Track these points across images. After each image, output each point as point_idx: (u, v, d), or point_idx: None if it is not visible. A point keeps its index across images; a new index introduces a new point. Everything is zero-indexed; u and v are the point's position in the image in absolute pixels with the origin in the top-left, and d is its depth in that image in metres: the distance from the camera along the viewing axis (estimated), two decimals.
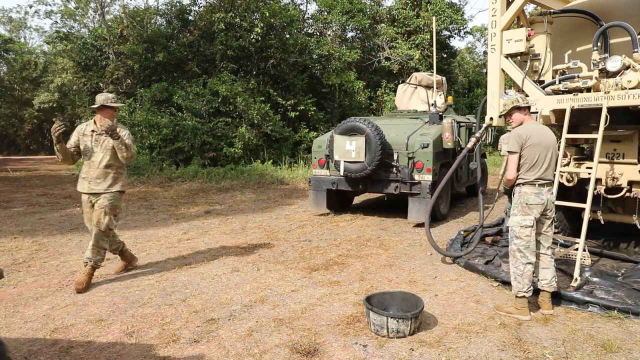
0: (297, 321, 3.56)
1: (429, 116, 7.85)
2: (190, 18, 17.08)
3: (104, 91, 17.63)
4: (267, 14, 15.23)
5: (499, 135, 8.81)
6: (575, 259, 4.25)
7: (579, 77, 4.62)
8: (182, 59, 16.09)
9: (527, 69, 5.06)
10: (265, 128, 14.77)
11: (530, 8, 7.75)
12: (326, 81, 16.80)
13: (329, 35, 18.80)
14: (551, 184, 3.71)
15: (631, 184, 4.77)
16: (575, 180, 4.91)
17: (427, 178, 6.78)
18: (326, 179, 7.58)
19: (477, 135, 5.34)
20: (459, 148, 7.55)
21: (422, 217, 6.75)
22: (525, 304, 3.63)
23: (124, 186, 4.43)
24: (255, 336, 3.30)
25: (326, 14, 18.95)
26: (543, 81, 5.12)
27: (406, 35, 19.06)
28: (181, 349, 3.10)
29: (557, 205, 4.28)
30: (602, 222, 5.17)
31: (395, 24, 19.43)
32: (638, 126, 4.81)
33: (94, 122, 4.34)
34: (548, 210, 3.68)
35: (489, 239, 5.76)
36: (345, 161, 6.95)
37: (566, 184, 4.91)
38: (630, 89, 4.18)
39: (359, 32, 19.41)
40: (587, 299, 3.79)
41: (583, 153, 5.41)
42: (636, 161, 4.77)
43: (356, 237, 6.30)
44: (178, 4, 17.29)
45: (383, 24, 19.29)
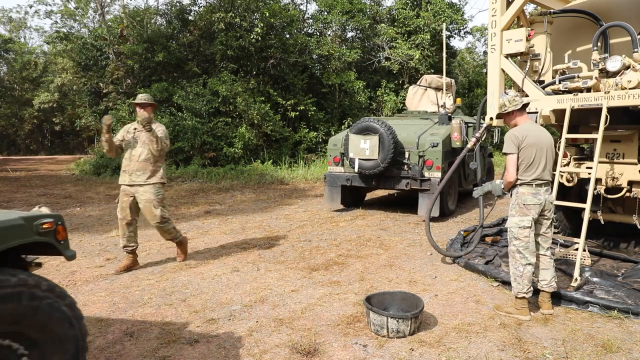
0: (297, 321, 3.56)
1: (438, 117, 8.19)
2: (190, 18, 17.08)
3: (103, 91, 17.68)
4: (267, 14, 15.23)
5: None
6: (575, 259, 4.25)
7: (579, 77, 4.62)
8: (182, 59, 16.09)
9: (527, 69, 5.06)
10: (265, 128, 14.78)
11: (530, 8, 7.77)
12: (326, 81, 16.80)
13: (329, 35, 18.79)
14: (549, 184, 3.70)
15: (631, 184, 4.77)
16: (575, 180, 4.91)
17: (436, 175, 7.14)
18: (341, 175, 7.97)
19: (477, 135, 5.35)
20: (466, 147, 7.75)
21: (433, 211, 6.97)
22: (525, 304, 3.63)
23: (163, 178, 4.79)
24: (255, 336, 3.30)
25: (326, 14, 18.95)
26: (543, 81, 5.12)
27: (406, 35, 19.05)
28: (181, 349, 3.10)
29: (557, 205, 4.28)
30: (602, 222, 5.17)
31: (395, 24, 19.43)
32: (638, 126, 4.81)
33: (137, 122, 4.73)
34: (546, 210, 3.68)
35: (489, 239, 5.76)
36: (359, 159, 7.34)
37: (566, 184, 4.91)
38: (630, 89, 4.18)
39: (359, 32, 19.42)
40: (587, 299, 3.79)
41: (583, 153, 5.41)
42: (636, 161, 4.77)
43: (356, 237, 6.30)
44: (178, 4, 17.30)
45: (383, 24, 19.29)
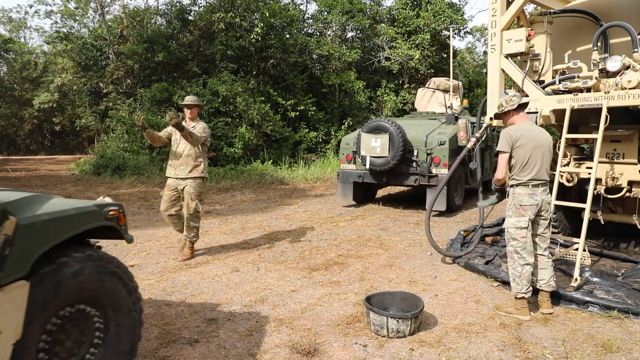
0: (297, 321, 3.56)
1: (445, 117, 8.62)
2: (190, 18, 17.07)
3: (103, 91, 17.68)
4: (267, 14, 15.22)
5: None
6: (575, 259, 4.25)
7: (579, 77, 4.62)
8: (182, 59, 16.09)
9: (527, 69, 5.06)
10: (265, 128, 14.77)
11: (530, 8, 7.79)
12: (326, 81, 16.80)
13: (329, 35, 18.79)
14: (546, 184, 3.69)
15: (631, 184, 4.77)
16: (575, 180, 4.91)
17: (443, 172, 7.54)
18: (353, 172, 8.38)
19: (477, 135, 5.35)
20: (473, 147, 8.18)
21: (438, 206, 7.51)
22: (525, 304, 3.63)
23: (204, 172, 5.07)
24: (255, 336, 3.30)
25: (326, 14, 18.94)
26: (543, 81, 5.12)
27: (406, 35, 19.05)
28: (181, 349, 3.10)
29: (557, 205, 4.28)
30: (602, 222, 5.17)
31: (395, 24, 19.42)
32: (638, 126, 4.81)
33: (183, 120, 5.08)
34: (543, 211, 3.67)
35: (489, 239, 5.76)
36: (371, 156, 7.75)
37: (566, 184, 4.91)
38: (630, 89, 4.18)
39: (359, 32, 19.41)
40: (587, 299, 3.79)
41: (583, 153, 5.41)
42: (636, 161, 4.77)
43: (356, 237, 6.30)
44: (178, 4, 17.29)
45: (383, 24, 19.28)
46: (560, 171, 4.64)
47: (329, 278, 4.58)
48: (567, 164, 4.89)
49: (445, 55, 21.04)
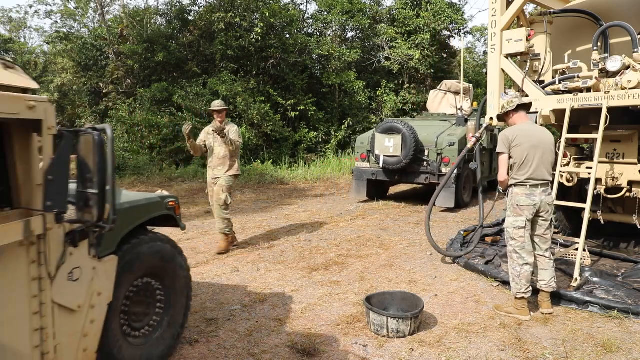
0: (297, 321, 3.56)
1: (456, 119, 8.95)
2: (190, 18, 17.05)
3: (103, 91, 17.67)
4: (267, 14, 15.21)
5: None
6: (575, 259, 4.25)
7: (579, 77, 4.62)
8: (182, 59, 16.08)
9: (527, 69, 5.06)
10: (265, 128, 14.76)
11: (530, 8, 7.80)
12: (326, 81, 16.78)
13: (329, 35, 18.78)
14: (547, 184, 3.69)
15: (631, 184, 4.77)
16: (575, 180, 4.91)
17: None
18: (367, 170, 8.82)
19: (477, 135, 5.35)
20: (481, 146, 8.56)
21: (447, 202, 7.99)
22: (525, 304, 3.64)
23: (238, 170, 5.61)
24: (255, 336, 3.30)
25: (326, 14, 18.92)
26: (543, 81, 5.12)
27: (406, 35, 19.03)
28: (181, 349, 3.11)
29: (557, 205, 4.27)
30: (602, 222, 5.17)
31: (395, 24, 19.40)
32: (638, 126, 4.81)
33: (212, 124, 5.50)
34: (543, 212, 3.66)
35: (489, 239, 5.76)
36: (384, 155, 8.16)
37: (566, 184, 4.91)
38: (630, 89, 4.18)
39: (359, 32, 19.39)
40: (587, 299, 3.79)
41: (583, 153, 5.41)
42: (636, 161, 4.77)
43: (356, 237, 6.30)
44: (178, 4, 17.27)
45: (383, 24, 19.26)
46: (560, 171, 4.64)
47: (329, 278, 4.58)
48: (567, 164, 4.89)
49: (445, 55, 21.05)
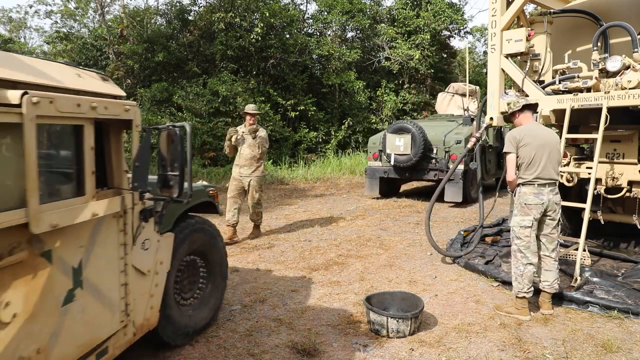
0: (297, 321, 3.56)
1: (462, 119, 9.56)
2: (190, 18, 17.04)
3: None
4: (267, 14, 15.21)
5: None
6: (575, 259, 4.25)
7: (579, 77, 4.62)
8: (182, 59, 16.07)
9: (527, 69, 5.06)
10: (265, 128, 14.75)
11: (530, 8, 7.81)
12: (326, 81, 16.78)
13: (329, 35, 18.77)
14: (554, 184, 3.69)
15: (631, 184, 4.77)
16: (575, 180, 4.91)
17: (459, 167, 8.33)
18: (379, 168, 9.36)
19: (477, 135, 5.35)
20: (487, 144, 9.52)
21: (456, 197, 8.50)
22: (526, 304, 3.63)
23: (263, 172, 6.20)
24: (255, 336, 3.30)
25: (326, 14, 18.92)
26: (543, 81, 5.12)
27: (406, 35, 19.03)
28: (181, 349, 3.10)
29: None
30: (602, 222, 5.17)
31: (395, 24, 19.40)
32: (638, 126, 4.81)
33: (244, 125, 6.10)
34: (550, 211, 3.66)
35: (489, 239, 5.76)
36: (395, 154, 8.74)
37: (566, 184, 4.91)
38: (630, 89, 4.18)
39: (359, 32, 19.38)
40: (587, 299, 3.79)
41: (583, 153, 5.41)
42: (636, 161, 4.77)
43: (356, 237, 6.30)
44: (178, 4, 17.26)
45: (383, 24, 19.26)
46: (560, 171, 4.64)
47: (329, 278, 4.58)
48: (567, 164, 4.89)
49: (445, 55, 21.04)
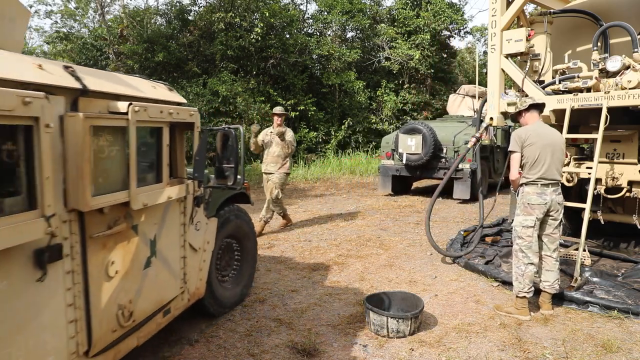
0: (297, 321, 3.56)
1: (472, 120, 9.70)
2: (190, 18, 17.04)
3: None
4: (267, 14, 15.21)
5: None
6: (575, 259, 4.25)
7: (579, 77, 4.62)
8: (182, 59, 16.07)
9: (527, 69, 5.06)
10: (265, 128, 14.76)
11: (530, 8, 7.81)
12: (326, 81, 16.78)
13: (329, 35, 18.77)
14: (557, 184, 3.69)
15: (631, 184, 4.77)
16: (575, 180, 4.91)
17: (467, 166, 8.92)
18: (391, 167, 9.84)
19: (477, 135, 5.35)
20: (495, 144, 10.04)
21: (465, 194, 8.90)
22: (526, 304, 3.63)
23: (288, 169, 6.45)
24: (255, 336, 3.30)
25: (326, 14, 18.92)
26: (543, 81, 5.12)
27: (406, 35, 19.03)
28: (181, 349, 3.11)
29: None
30: (602, 222, 5.17)
31: (395, 24, 19.40)
32: (638, 126, 4.81)
33: (273, 126, 6.54)
34: (553, 211, 3.67)
35: (489, 239, 5.76)
36: (407, 153, 9.20)
37: (566, 184, 4.92)
38: (630, 89, 4.18)
39: (359, 32, 19.38)
40: (587, 299, 3.79)
41: (583, 153, 5.41)
42: (636, 161, 4.77)
43: (356, 237, 6.30)
44: (178, 4, 17.26)
45: (383, 24, 19.26)
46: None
47: (329, 278, 4.58)
48: (567, 164, 4.89)
49: (445, 55, 21.03)
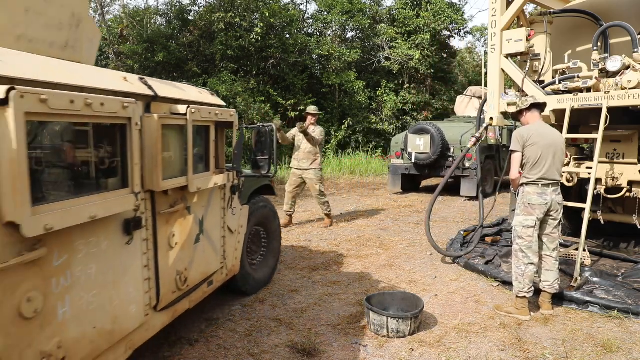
0: (297, 321, 3.56)
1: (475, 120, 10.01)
2: (190, 18, 17.04)
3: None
4: (267, 14, 15.21)
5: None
6: (575, 259, 4.25)
7: (579, 77, 4.61)
8: (182, 59, 16.07)
9: (527, 69, 5.06)
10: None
11: (530, 8, 7.81)
12: (326, 81, 16.78)
13: (329, 35, 18.77)
14: (557, 184, 3.69)
15: (631, 184, 4.76)
16: (575, 180, 4.91)
17: (474, 165, 9.08)
18: (401, 166, 10.25)
19: (477, 135, 5.34)
20: (501, 144, 10.32)
21: (472, 192, 9.15)
22: (526, 304, 3.63)
23: (320, 164, 6.78)
24: (255, 336, 3.30)
25: (326, 14, 18.91)
26: (543, 81, 5.12)
27: (406, 35, 19.02)
28: (181, 349, 3.10)
29: None
30: (602, 222, 5.17)
31: (395, 24, 19.39)
32: (638, 126, 4.81)
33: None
34: (553, 211, 3.67)
35: (489, 239, 5.76)
36: (416, 152, 9.56)
37: (566, 184, 4.91)
38: (630, 89, 4.18)
39: (359, 32, 19.38)
40: (587, 299, 3.79)
41: (583, 153, 5.41)
42: (636, 161, 4.77)
43: (356, 237, 6.30)
44: (178, 4, 17.26)
45: (383, 24, 19.25)
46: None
47: (329, 278, 4.58)
48: (567, 164, 4.89)
49: (445, 55, 21.02)
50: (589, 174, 4.57)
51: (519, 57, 5.16)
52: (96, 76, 2.14)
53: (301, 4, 19.54)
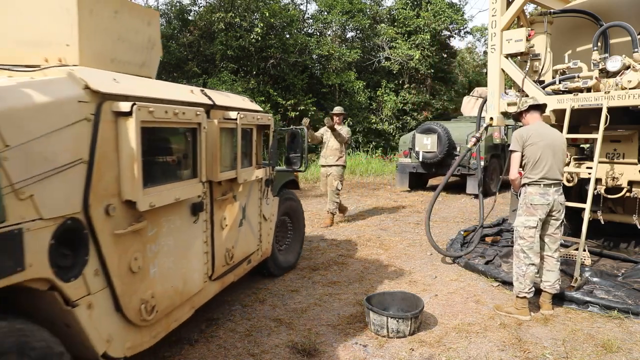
0: (297, 321, 3.56)
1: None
2: (190, 18, 17.05)
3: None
4: (267, 14, 15.21)
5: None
6: (575, 259, 4.25)
7: (579, 77, 4.61)
8: (182, 59, 16.07)
9: (527, 69, 5.06)
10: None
11: (530, 8, 7.82)
12: (326, 81, 16.78)
13: (329, 35, 18.77)
14: (559, 184, 3.69)
15: (631, 184, 4.77)
16: (575, 180, 4.91)
17: (480, 164, 9.19)
18: (408, 164, 10.53)
19: (477, 135, 5.35)
20: (506, 143, 10.23)
21: (477, 189, 8.76)
22: (526, 304, 3.63)
23: (345, 162, 7.05)
24: (255, 336, 3.30)
25: (326, 14, 18.91)
26: (543, 81, 5.12)
27: (406, 35, 19.02)
28: (181, 349, 3.10)
29: None
30: (602, 222, 5.17)
31: (395, 24, 19.39)
32: (638, 126, 4.81)
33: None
34: (555, 211, 3.66)
35: (489, 239, 5.76)
36: (423, 151, 9.86)
37: (566, 184, 4.91)
38: (630, 89, 4.18)
39: (359, 32, 19.38)
40: (587, 299, 3.79)
41: (583, 153, 5.41)
42: (636, 161, 4.77)
43: (356, 237, 6.30)
44: (178, 4, 17.26)
45: (383, 24, 19.25)
46: None
47: (329, 278, 4.58)
48: (567, 164, 4.89)
49: (445, 55, 21.02)
50: (589, 174, 4.57)
51: (519, 57, 5.15)
52: (174, 90, 2.71)
53: (301, 4, 19.54)
